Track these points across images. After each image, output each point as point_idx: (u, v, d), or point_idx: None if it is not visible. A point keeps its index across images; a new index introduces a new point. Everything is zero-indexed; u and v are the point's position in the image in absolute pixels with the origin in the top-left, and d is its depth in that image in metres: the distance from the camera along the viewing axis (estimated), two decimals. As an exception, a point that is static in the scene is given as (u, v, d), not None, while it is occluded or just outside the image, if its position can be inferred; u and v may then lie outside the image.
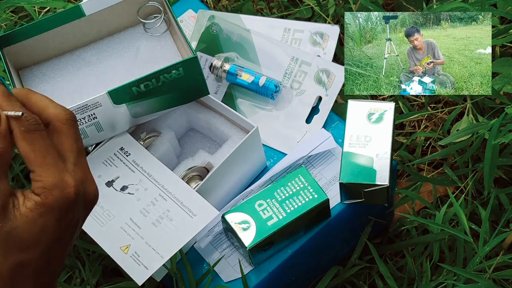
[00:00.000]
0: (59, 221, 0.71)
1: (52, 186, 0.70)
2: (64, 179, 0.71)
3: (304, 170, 1.00)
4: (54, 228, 0.71)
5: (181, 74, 0.97)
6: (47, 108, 0.72)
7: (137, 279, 0.96)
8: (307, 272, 1.09)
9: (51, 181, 0.70)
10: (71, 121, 0.73)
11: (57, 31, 1.03)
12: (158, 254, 0.96)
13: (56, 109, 0.72)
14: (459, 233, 1.04)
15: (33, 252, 0.71)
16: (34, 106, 0.72)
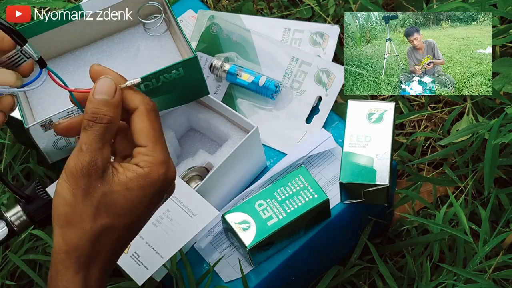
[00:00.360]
0: (154, 197, 0.76)
1: (160, 163, 0.75)
2: (169, 161, 0.77)
3: (304, 170, 1.00)
4: (148, 202, 0.76)
5: (181, 74, 0.97)
6: (132, 94, 0.77)
7: (137, 279, 0.96)
8: (307, 272, 1.09)
9: (161, 159, 0.75)
10: (155, 107, 0.78)
11: (57, 31, 1.03)
12: (158, 254, 0.96)
13: (140, 95, 0.77)
14: (459, 233, 1.04)
15: (122, 220, 0.75)
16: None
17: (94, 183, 0.74)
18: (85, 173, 0.73)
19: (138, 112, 0.76)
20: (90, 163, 0.73)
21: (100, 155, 0.74)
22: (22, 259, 1.12)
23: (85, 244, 0.74)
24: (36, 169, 1.17)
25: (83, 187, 0.73)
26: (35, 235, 1.14)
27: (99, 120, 0.74)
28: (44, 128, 0.96)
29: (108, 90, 0.75)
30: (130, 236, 0.78)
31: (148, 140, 0.76)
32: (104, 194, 0.74)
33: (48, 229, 1.16)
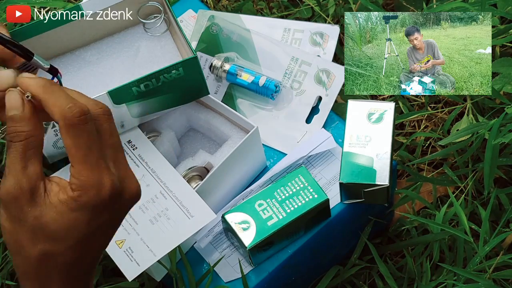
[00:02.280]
0: (91, 220, 0.70)
1: (89, 186, 0.69)
2: (101, 180, 0.69)
3: (304, 170, 1.00)
4: (84, 226, 0.70)
5: (181, 74, 0.97)
6: (52, 105, 0.69)
7: (128, 274, 0.96)
8: (307, 272, 1.09)
9: (89, 181, 0.69)
10: (107, 116, 0.71)
11: (57, 31, 1.03)
12: (151, 252, 0.96)
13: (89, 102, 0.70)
14: (459, 233, 1.04)
15: (60, 245, 0.70)
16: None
17: (24, 208, 0.69)
18: (11, 199, 0.68)
19: (60, 126, 0.68)
20: (14, 187, 0.68)
21: (24, 176, 0.68)
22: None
23: (32, 270, 0.71)
24: (36, 169, 1.17)
25: (14, 213, 0.69)
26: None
27: (17, 137, 0.68)
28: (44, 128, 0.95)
29: (15, 103, 0.68)
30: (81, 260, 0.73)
31: (74, 161, 0.69)
32: (35, 218, 0.69)
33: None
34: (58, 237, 0.70)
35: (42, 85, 0.69)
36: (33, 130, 0.69)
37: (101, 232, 0.72)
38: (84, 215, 0.70)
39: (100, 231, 0.72)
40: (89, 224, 0.70)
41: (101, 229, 0.72)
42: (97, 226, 0.71)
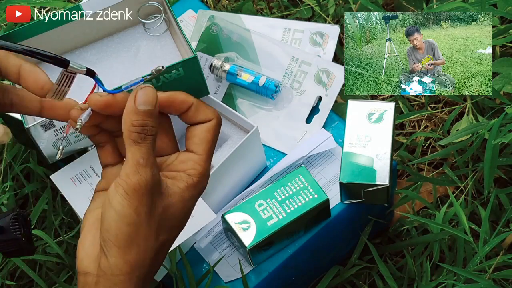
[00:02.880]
0: (194, 206, 0.75)
1: (207, 176, 0.75)
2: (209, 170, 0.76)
3: (304, 170, 1.00)
4: (190, 211, 0.75)
5: (181, 74, 0.97)
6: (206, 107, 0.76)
7: None
8: (307, 272, 1.09)
9: (208, 171, 0.75)
10: (221, 122, 0.77)
11: (57, 31, 1.03)
12: None
13: (212, 108, 0.76)
14: (459, 233, 1.04)
15: (177, 232, 0.74)
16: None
17: (157, 198, 0.71)
18: (149, 189, 0.70)
19: (211, 124, 0.75)
20: (152, 178, 0.70)
21: (156, 168, 0.71)
22: (22, 259, 1.12)
23: (147, 263, 0.71)
24: (36, 169, 1.17)
25: (147, 204, 0.70)
26: (35, 235, 1.14)
27: (150, 132, 0.71)
28: (44, 128, 0.96)
29: (152, 99, 0.72)
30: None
31: (205, 151, 0.74)
32: (164, 210, 0.71)
33: (48, 230, 1.16)
34: (178, 226, 0.74)
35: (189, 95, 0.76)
36: (158, 127, 0.73)
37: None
38: (194, 201, 0.74)
39: None
40: (191, 210, 0.75)
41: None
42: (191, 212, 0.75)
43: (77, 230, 1.14)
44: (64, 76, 0.74)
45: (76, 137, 0.99)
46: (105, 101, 0.74)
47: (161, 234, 0.72)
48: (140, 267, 0.71)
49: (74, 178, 1.02)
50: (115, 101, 0.74)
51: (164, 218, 0.72)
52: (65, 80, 0.74)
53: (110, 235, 0.70)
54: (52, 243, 1.12)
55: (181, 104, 0.75)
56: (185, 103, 0.75)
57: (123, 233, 0.70)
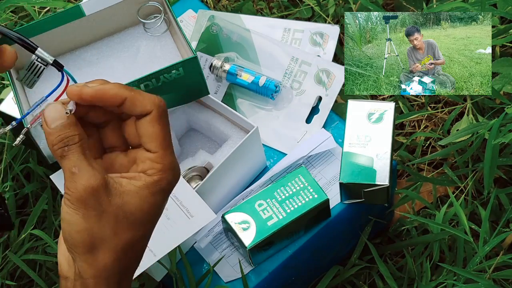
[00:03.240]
0: (164, 202, 0.74)
1: (169, 169, 0.73)
2: (177, 163, 0.74)
3: (304, 170, 1.00)
4: (159, 208, 0.74)
5: (181, 74, 0.97)
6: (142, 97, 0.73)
7: None
8: (307, 272, 1.09)
9: (170, 164, 0.73)
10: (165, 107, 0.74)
11: (57, 31, 1.03)
12: (151, 252, 0.96)
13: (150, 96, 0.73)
14: (459, 232, 1.04)
15: (142, 230, 0.73)
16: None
17: (104, 198, 0.71)
18: (90, 192, 0.70)
19: (151, 116, 0.73)
20: (90, 180, 0.70)
21: (94, 170, 0.71)
22: (22, 259, 1.12)
23: (113, 263, 0.72)
24: (36, 169, 1.17)
25: (93, 207, 0.70)
26: (35, 235, 1.14)
27: (72, 141, 0.71)
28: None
29: (59, 114, 0.71)
30: (147, 241, 0.76)
31: (159, 146, 0.73)
32: (118, 207, 0.71)
33: (48, 230, 1.16)
34: (141, 223, 0.73)
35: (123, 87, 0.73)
36: (82, 133, 0.72)
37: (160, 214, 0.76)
38: (161, 197, 0.73)
39: (161, 213, 0.76)
40: (162, 207, 0.74)
41: (162, 211, 0.76)
42: (163, 207, 0.75)
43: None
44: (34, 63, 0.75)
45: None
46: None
47: (121, 233, 0.72)
48: (105, 269, 0.72)
49: (74, 178, 1.02)
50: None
51: (120, 217, 0.71)
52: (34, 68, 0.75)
53: (69, 244, 0.72)
54: (52, 243, 1.12)
55: (112, 98, 0.72)
56: (117, 97, 0.72)
57: (78, 241, 0.71)
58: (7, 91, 1.18)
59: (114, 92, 0.72)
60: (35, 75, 0.76)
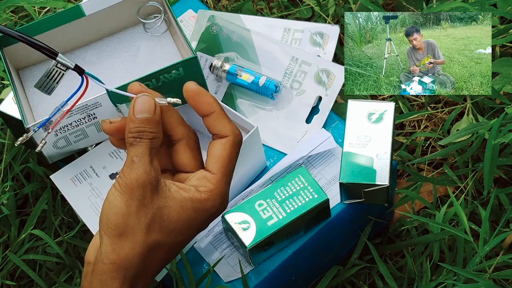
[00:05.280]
0: (203, 223, 0.76)
1: (220, 196, 0.76)
2: (228, 196, 0.77)
3: (304, 170, 1.00)
4: (196, 226, 0.76)
5: (181, 74, 0.97)
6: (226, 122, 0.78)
7: None
8: (307, 272, 1.09)
9: (223, 192, 0.76)
10: (241, 140, 0.78)
11: (57, 31, 1.03)
12: None
13: (232, 124, 0.78)
14: (459, 233, 1.04)
15: (172, 238, 0.74)
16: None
17: (150, 195, 0.73)
18: (140, 184, 0.72)
19: (226, 140, 0.77)
20: (144, 174, 0.73)
21: (152, 167, 0.73)
22: (22, 259, 1.12)
23: (135, 258, 0.73)
24: (36, 169, 1.17)
25: (138, 198, 0.72)
26: (35, 235, 1.14)
27: (146, 136, 0.74)
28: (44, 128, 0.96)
29: (149, 108, 0.75)
30: (174, 255, 0.77)
31: (219, 170, 0.76)
32: (159, 208, 0.73)
33: (47, 230, 1.16)
34: (174, 230, 0.74)
35: (216, 102, 0.78)
36: (159, 133, 0.75)
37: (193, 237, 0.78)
38: (201, 217, 0.75)
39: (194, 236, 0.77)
40: (199, 228, 0.76)
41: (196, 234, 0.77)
42: (199, 230, 0.77)
43: (77, 230, 1.14)
44: (53, 70, 0.75)
45: (76, 137, 0.99)
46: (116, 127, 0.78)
47: (152, 232, 0.73)
48: (127, 259, 0.73)
49: (74, 178, 1.02)
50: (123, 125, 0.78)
51: (157, 216, 0.73)
52: (54, 74, 0.75)
53: (102, 224, 0.74)
54: (52, 243, 1.12)
55: (204, 104, 0.77)
56: (208, 106, 0.77)
57: (112, 223, 0.73)
58: (7, 91, 1.18)
59: (210, 101, 0.78)
60: (54, 81, 0.76)
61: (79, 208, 1.00)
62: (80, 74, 0.76)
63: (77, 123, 0.97)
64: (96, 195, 1.01)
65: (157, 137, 0.75)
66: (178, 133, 0.78)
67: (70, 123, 0.96)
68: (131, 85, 0.78)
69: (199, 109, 0.79)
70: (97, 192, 1.01)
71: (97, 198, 1.00)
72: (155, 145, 0.75)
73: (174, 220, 0.74)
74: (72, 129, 0.97)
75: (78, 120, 0.96)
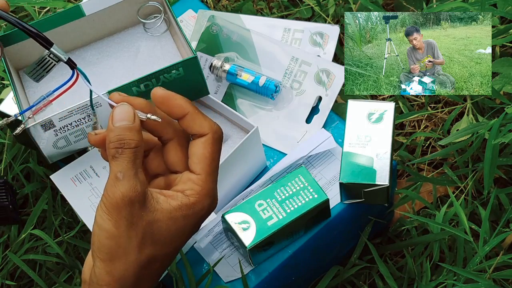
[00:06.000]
0: (195, 226, 0.74)
1: (207, 195, 0.74)
2: (216, 192, 0.75)
3: (304, 170, 1.00)
4: (190, 232, 0.74)
5: (181, 74, 0.97)
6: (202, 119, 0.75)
7: None
8: (307, 272, 1.09)
9: (210, 191, 0.74)
10: (222, 136, 0.76)
11: (57, 31, 1.03)
12: None
13: (210, 121, 0.75)
14: (459, 232, 1.04)
15: (165, 249, 0.73)
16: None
17: (138, 211, 0.71)
18: (127, 202, 0.71)
19: (205, 138, 0.74)
20: (130, 191, 0.71)
21: (138, 181, 0.71)
22: (22, 259, 1.12)
23: (130, 277, 0.72)
24: (36, 169, 1.17)
25: (126, 217, 0.71)
26: (35, 235, 1.14)
27: (127, 145, 0.72)
28: (44, 128, 0.96)
29: (127, 116, 0.73)
30: (169, 264, 0.76)
31: (203, 170, 0.74)
32: (148, 223, 0.72)
33: (47, 230, 1.16)
34: (166, 242, 0.73)
35: (189, 103, 0.75)
36: (140, 141, 0.73)
37: (187, 240, 0.76)
38: (192, 222, 0.74)
39: (188, 239, 0.76)
40: (191, 232, 0.75)
41: (190, 237, 0.76)
42: (193, 233, 0.75)
43: (77, 230, 1.14)
44: (46, 59, 0.75)
45: (76, 137, 0.99)
46: (101, 138, 0.76)
47: (144, 248, 0.72)
48: (121, 279, 0.72)
49: (74, 178, 1.02)
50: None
51: (147, 232, 0.72)
52: (46, 64, 0.75)
53: (95, 247, 0.73)
54: (52, 243, 1.12)
55: (175, 108, 0.75)
56: (179, 108, 0.74)
57: (104, 246, 0.72)
58: (7, 91, 1.18)
59: (180, 103, 0.75)
60: (45, 70, 0.76)
61: (79, 208, 1.00)
62: (72, 68, 0.75)
63: (77, 123, 0.97)
64: (96, 195, 1.01)
65: (139, 145, 0.73)
66: (167, 132, 0.76)
67: (70, 123, 0.96)
68: (112, 94, 0.76)
69: (171, 113, 0.76)
70: (97, 192, 1.01)
71: (97, 198, 1.00)
72: (138, 155, 0.72)
73: (165, 232, 0.72)
74: (72, 129, 0.97)
75: (78, 120, 0.96)
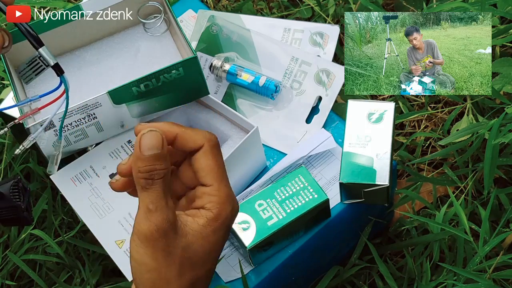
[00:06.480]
0: (225, 235, 0.74)
1: (226, 201, 0.73)
2: (233, 196, 0.75)
3: (304, 170, 1.00)
4: (222, 242, 0.74)
5: (181, 74, 0.97)
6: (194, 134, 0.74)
7: (128, 274, 0.96)
8: (307, 272, 1.09)
9: (227, 196, 0.74)
10: (217, 141, 0.75)
11: (57, 31, 1.03)
12: None
13: (202, 132, 0.74)
14: (459, 232, 1.04)
15: (204, 269, 0.73)
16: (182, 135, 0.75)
17: (172, 240, 0.71)
18: (161, 234, 0.70)
19: (203, 150, 0.73)
20: (164, 222, 0.70)
21: (169, 211, 0.71)
22: (22, 259, 1.12)
23: None
24: (36, 169, 1.17)
25: (163, 248, 0.71)
26: (35, 235, 1.14)
27: (158, 176, 0.71)
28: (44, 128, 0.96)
29: (157, 143, 0.71)
30: (211, 278, 0.76)
31: (213, 179, 0.74)
32: (184, 249, 0.71)
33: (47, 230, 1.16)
34: (204, 262, 0.73)
35: (174, 124, 0.74)
36: (169, 168, 0.72)
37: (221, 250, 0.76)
38: (222, 233, 0.74)
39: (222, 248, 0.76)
40: (224, 242, 0.74)
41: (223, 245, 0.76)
42: (225, 242, 0.75)
43: (77, 230, 1.14)
44: (36, 61, 0.74)
45: (76, 137, 0.99)
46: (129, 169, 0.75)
47: (185, 273, 0.72)
48: None
49: (74, 178, 1.02)
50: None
51: (185, 257, 0.72)
52: (35, 65, 0.74)
53: (137, 283, 0.72)
54: (52, 243, 1.12)
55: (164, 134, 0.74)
56: (168, 134, 0.73)
57: (147, 280, 0.72)
58: (7, 91, 1.18)
59: (166, 129, 0.73)
60: (34, 72, 0.75)
61: (79, 208, 1.00)
62: (58, 74, 0.74)
63: (77, 123, 0.97)
64: (96, 195, 1.01)
65: (167, 172, 0.72)
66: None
67: (70, 123, 0.96)
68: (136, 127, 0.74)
69: None
70: (97, 192, 1.01)
71: (97, 198, 1.00)
72: (167, 183, 0.72)
73: (200, 253, 0.72)
74: (72, 129, 0.97)
75: (78, 120, 0.96)
